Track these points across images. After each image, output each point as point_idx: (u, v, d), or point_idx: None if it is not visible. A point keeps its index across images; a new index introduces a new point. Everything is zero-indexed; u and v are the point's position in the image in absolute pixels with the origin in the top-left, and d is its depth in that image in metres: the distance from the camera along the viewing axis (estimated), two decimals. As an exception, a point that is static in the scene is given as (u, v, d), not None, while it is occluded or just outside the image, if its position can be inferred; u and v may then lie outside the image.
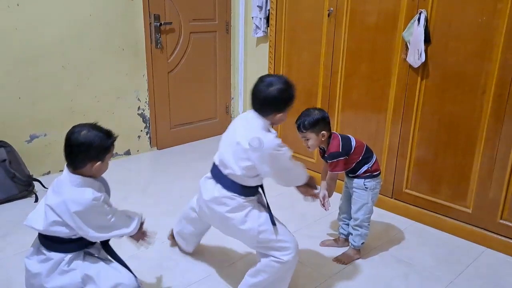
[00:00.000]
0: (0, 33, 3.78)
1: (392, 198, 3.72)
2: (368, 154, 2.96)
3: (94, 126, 2.15)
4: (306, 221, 3.54)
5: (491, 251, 3.20)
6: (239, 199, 2.43)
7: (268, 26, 4.75)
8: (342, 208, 3.20)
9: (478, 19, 3.01)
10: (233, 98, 5.81)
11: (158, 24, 4.78)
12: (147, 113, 4.96)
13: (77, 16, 4.20)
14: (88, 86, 4.38)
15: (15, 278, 2.73)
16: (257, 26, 5.13)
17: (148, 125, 5.01)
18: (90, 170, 2.09)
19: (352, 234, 3.06)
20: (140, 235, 2.37)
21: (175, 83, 5.14)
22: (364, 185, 2.96)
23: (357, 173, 2.95)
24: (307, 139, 2.85)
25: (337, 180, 2.96)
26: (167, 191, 4.03)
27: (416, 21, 3.21)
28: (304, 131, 2.83)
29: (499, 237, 3.18)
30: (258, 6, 5.01)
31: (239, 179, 2.41)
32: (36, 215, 2.11)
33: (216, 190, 2.46)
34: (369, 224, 3.02)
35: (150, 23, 4.74)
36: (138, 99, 4.86)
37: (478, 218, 3.27)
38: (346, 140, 2.90)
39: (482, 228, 3.26)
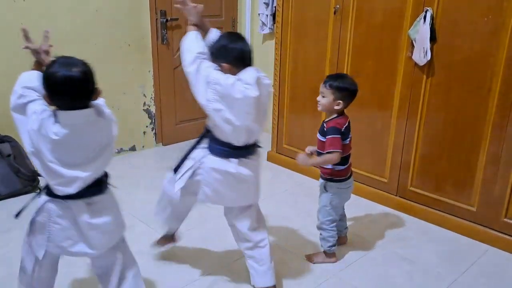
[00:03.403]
0: (5, 28, 3.79)
1: (396, 195, 3.72)
2: (347, 160, 2.88)
3: (70, 60, 1.94)
4: (309, 218, 3.54)
5: (495, 250, 3.19)
6: None
7: (275, 23, 4.74)
8: None
9: (484, 18, 3.00)
10: (238, 94, 5.80)
11: (165, 20, 4.79)
12: (152, 109, 4.97)
13: (83, 11, 4.21)
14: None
15: (17, 273, 2.74)
16: (263, 23, 5.14)
17: (153, 121, 5.02)
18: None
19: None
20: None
21: (180, 79, 5.12)
22: (324, 187, 2.92)
23: (324, 170, 2.88)
24: (323, 96, 2.77)
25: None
26: (172, 187, 4.05)
27: (422, 19, 3.21)
28: (327, 87, 2.74)
29: (503, 235, 3.18)
30: (264, 2, 5.01)
31: None
32: None
33: None
34: (331, 228, 2.93)
35: (156, 19, 4.74)
36: (144, 95, 4.87)
37: (482, 217, 3.26)
38: (347, 130, 2.82)
39: (486, 227, 3.26)
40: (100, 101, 2.02)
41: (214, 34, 2.55)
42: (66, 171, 1.91)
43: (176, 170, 2.59)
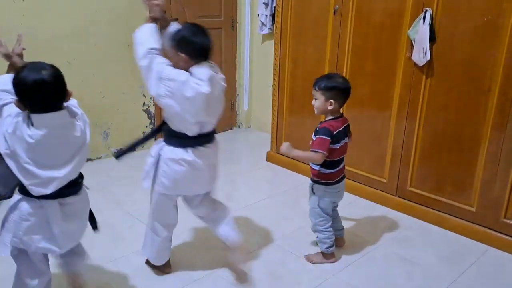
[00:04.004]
0: (5, 28, 3.78)
1: (396, 196, 3.72)
2: (337, 164, 2.85)
3: (38, 65, 1.97)
4: (309, 218, 3.54)
5: (495, 250, 3.19)
6: None
7: (274, 23, 4.74)
8: None
9: (483, 18, 3.00)
10: (238, 94, 5.82)
11: (164, 20, 4.78)
12: (152, 109, 4.97)
13: (82, 11, 4.21)
14: (93, 81, 4.39)
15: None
16: (262, 23, 5.14)
17: (153, 121, 5.02)
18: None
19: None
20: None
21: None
22: (312, 188, 2.94)
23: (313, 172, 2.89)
24: (315, 99, 2.78)
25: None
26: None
27: (422, 20, 3.21)
28: (317, 89, 2.76)
29: (503, 236, 3.18)
30: (264, 3, 5.01)
31: None
32: None
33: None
34: (326, 229, 2.93)
35: (155, 19, 4.73)
36: (143, 95, 4.87)
37: (482, 217, 3.26)
38: (341, 134, 2.79)
39: (485, 227, 3.26)
40: (73, 102, 2.08)
41: (173, 27, 2.58)
42: (42, 172, 1.94)
43: (117, 156, 2.69)
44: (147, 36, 2.46)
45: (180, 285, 2.75)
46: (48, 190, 1.97)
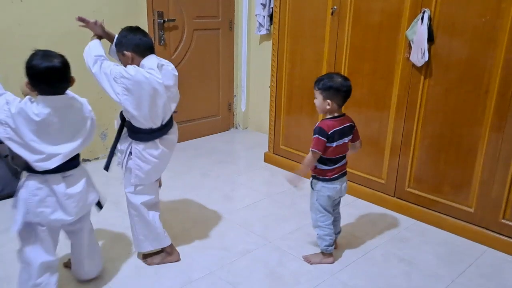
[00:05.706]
0: (3, 29, 3.78)
1: (394, 196, 3.72)
2: (334, 162, 2.85)
3: (49, 53, 2.24)
4: (307, 219, 3.53)
5: (493, 251, 3.19)
6: None
7: (272, 24, 4.75)
8: None
9: (481, 19, 3.00)
10: (235, 95, 5.81)
11: (162, 21, 4.78)
12: (149, 110, 4.96)
13: (80, 12, 4.13)
14: (91, 82, 4.35)
15: (16, 273, 2.72)
16: (260, 24, 5.14)
17: (150, 122, 5.00)
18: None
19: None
20: None
21: (178, 80, 5.12)
22: (311, 182, 2.95)
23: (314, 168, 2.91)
24: (316, 98, 2.82)
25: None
26: (169, 188, 4.03)
27: (420, 20, 3.21)
28: (316, 88, 2.79)
29: (501, 236, 3.18)
30: (261, 4, 5.01)
31: None
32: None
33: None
34: (326, 226, 2.92)
35: (153, 20, 4.74)
36: (141, 96, 4.85)
37: (480, 218, 3.27)
38: (338, 133, 2.79)
39: (484, 228, 3.26)
40: (82, 100, 2.43)
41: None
42: (46, 148, 2.21)
43: (106, 168, 2.81)
44: (92, 48, 2.70)
45: (179, 285, 2.74)
46: (52, 165, 2.23)
